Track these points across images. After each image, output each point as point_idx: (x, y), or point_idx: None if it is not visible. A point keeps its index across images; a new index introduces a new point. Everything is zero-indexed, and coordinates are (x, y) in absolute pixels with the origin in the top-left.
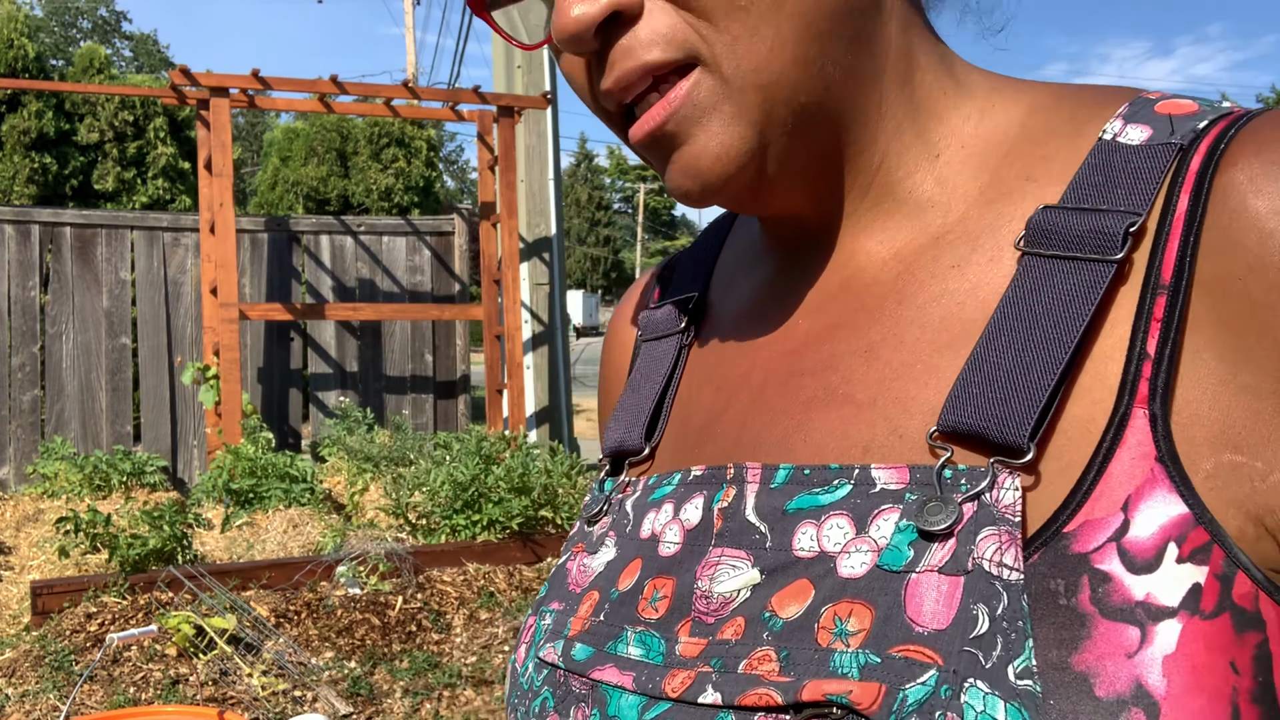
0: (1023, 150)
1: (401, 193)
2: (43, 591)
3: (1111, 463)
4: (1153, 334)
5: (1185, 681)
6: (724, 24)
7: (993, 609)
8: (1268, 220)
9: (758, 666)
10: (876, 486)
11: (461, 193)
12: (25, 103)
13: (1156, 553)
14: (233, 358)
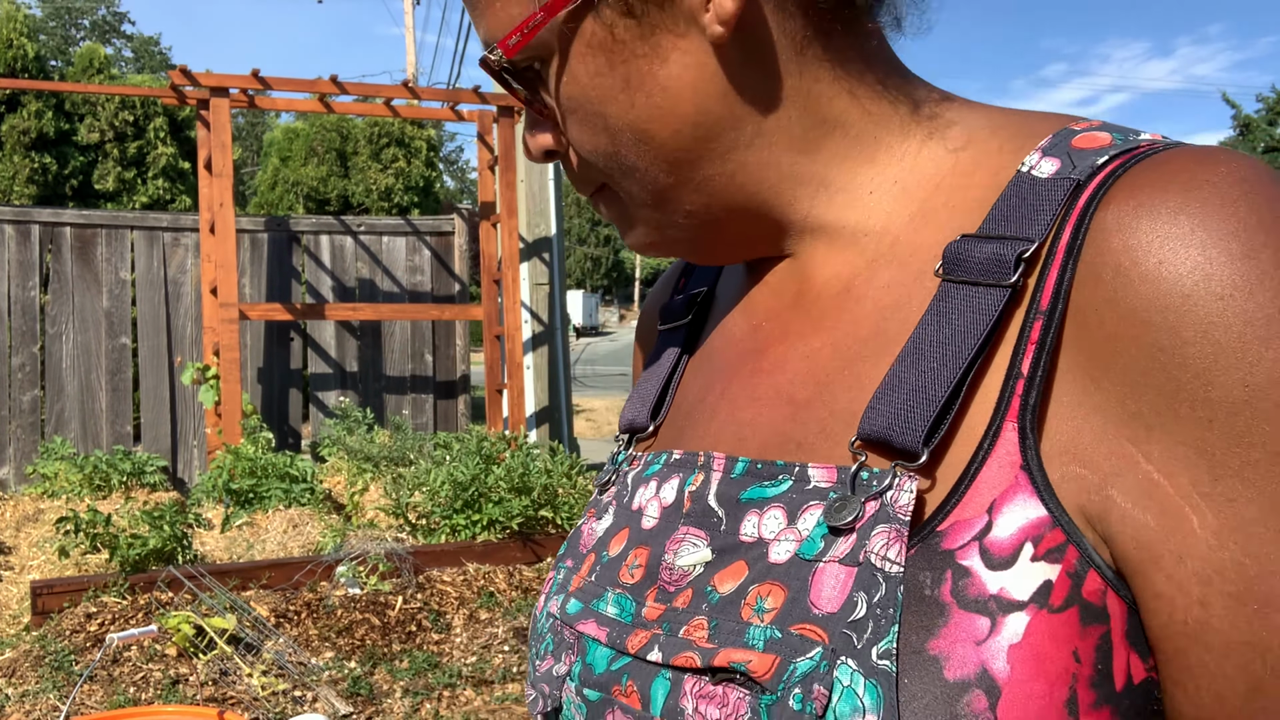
0: (951, 182)
1: (401, 193)
2: (43, 591)
3: (983, 470)
4: (1028, 354)
5: (1027, 668)
6: (609, 170)
7: (871, 597)
8: (1123, 258)
9: (693, 633)
10: (810, 484)
11: (461, 193)
12: (25, 103)
13: (1013, 551)
14: (233, 358)
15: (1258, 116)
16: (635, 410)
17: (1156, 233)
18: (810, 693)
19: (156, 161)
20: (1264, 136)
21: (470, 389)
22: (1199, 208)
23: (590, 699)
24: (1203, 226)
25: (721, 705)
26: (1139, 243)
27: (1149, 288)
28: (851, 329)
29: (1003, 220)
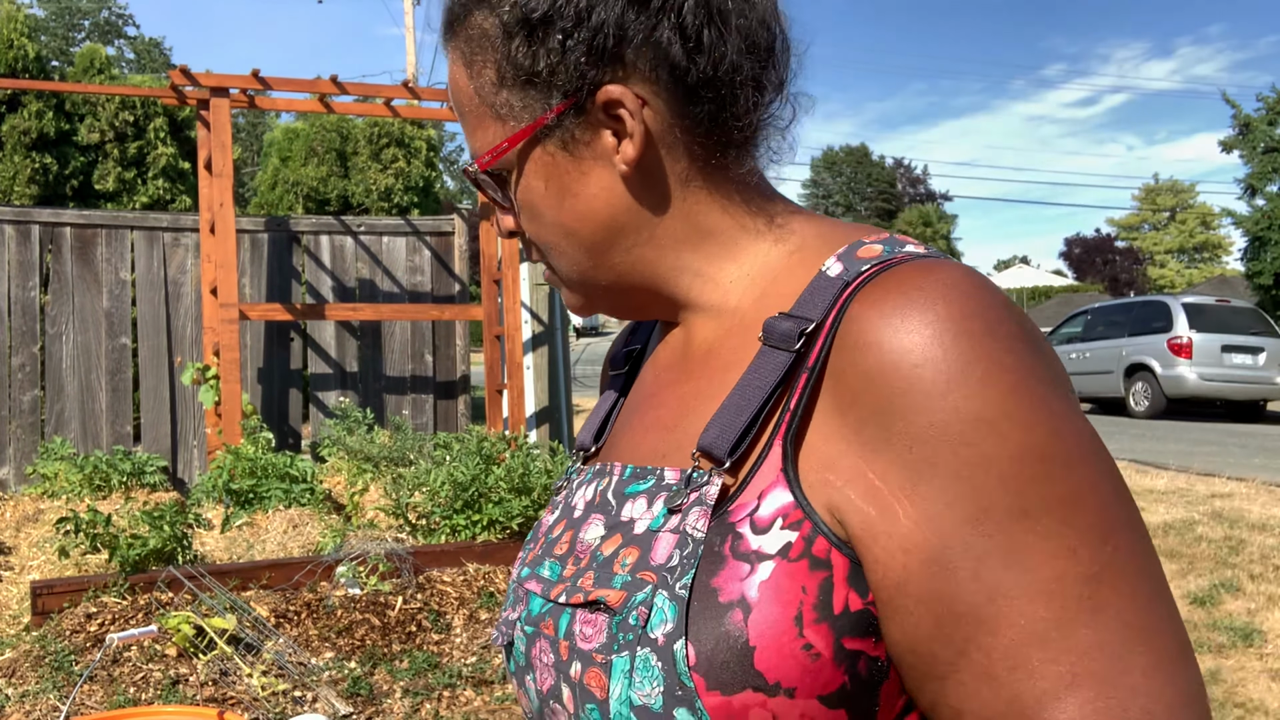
0: (784, 275)
1: (401, 193)
2: (43, 592)
3: (759, 471)
4: (796, 396)
5: (769, 594)
6: (547, 251)
7: (684, 552)
8: (858, 337)
9: (585, 583)
10: (665, 481)
11: (461, 193)
12: (25, 103)
13: (770, 523)
14: (233, 358)
15: (1257, 116)
16: (584, 437)
17: (878, 321)
18: (639, 612)
19: (157, 162)
20: (1264, 136)
21: (470, 389)
22: (907, 306)
23: (528, 633)
24: (908, 318)
25: (593, 626)
26: (868, 327)
27: (873, 358)
28: (708, 378)
29: (802, 305)
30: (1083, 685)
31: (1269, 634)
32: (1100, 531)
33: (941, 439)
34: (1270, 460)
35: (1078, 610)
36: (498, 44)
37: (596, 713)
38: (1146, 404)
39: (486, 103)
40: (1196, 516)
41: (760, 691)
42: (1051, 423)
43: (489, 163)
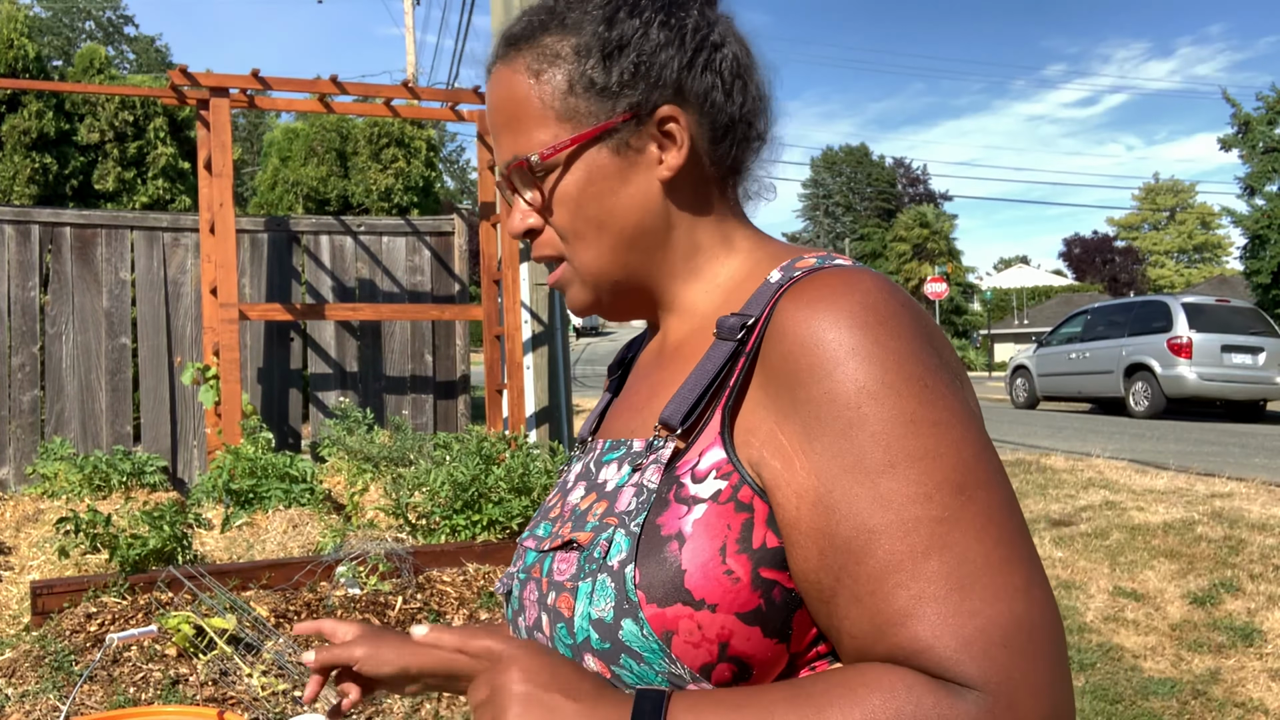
0: (741, 284)
1: (401, 193)
2: (42, 592)
3: (701, 434)
4: (735, 374)
5: (700, 529)
6: (572, 245)
7: (639, 499)
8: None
9: (563, 531)
10: (632, 449)
11: (461, 193)
12: (25, 103)
13: (706, 475)
14: (233, 358)
15: (1257, 116)
16: (584, 429)
17: (797, 314)
18: (601, 547)
19: (156, 161)
20: (1263, 136)
21: (470, 389)
22: (819, 300)
23: (521, 579)
24: (817, 309)
25: (566, 562)
26: (788, 317)
27: (789, 341)
28: (675, 368)
29: (748, 305)
30: (929, 606)
31: (1269, 634)
32: (955, 483)
33: (831, 403)
34: (1270, 460)
35: (928, 545)
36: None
37: (564, 629)
38: (1146, 404)
39: (550, 106)
40: (1196, 516)
41: (688, 605)
42: (923, 394)
43: (550, 155)
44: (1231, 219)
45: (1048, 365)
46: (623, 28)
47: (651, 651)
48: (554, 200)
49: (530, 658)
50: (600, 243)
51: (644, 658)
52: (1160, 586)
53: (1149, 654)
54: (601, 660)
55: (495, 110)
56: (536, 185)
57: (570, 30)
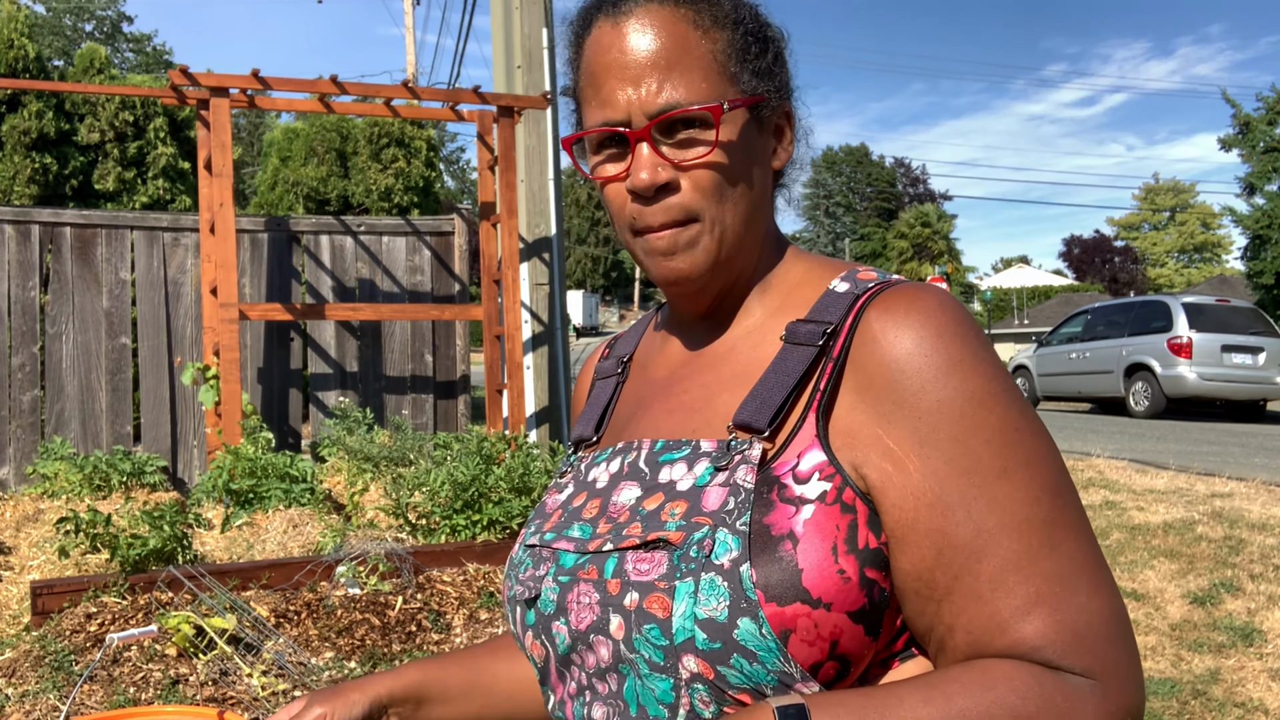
0: (795, 291)
1: (401, 193)
2: (43, 591)
3: (796, 436)
4: (824, 379)
5: (811, 530)
6: (720, 202)
7: (737, 500)
8: (875, 334)
9: (631, 531)
10: (701, 450)
11: (462, 193)
12: (25, 103)
13: (809, 476)
14: (233, 358)
15: (1257, 116)
16: (583, 429)
17: (892, 325)
18: (702, 546)
19: (157, 161)
20: (1263, 136)
21: (470, 389)
22: (911, 313)
23: (562, 581)
24: (912, 325)
25: (649, 561)
26: (882, 329)
27: (888, 351)
28: (728, 370)
29: (818, 312)
30: (1044, 602)
31: (1269, 634)
32: (1053, 487)
33: (943, 411)
34: (1270, 460)
35: (1040, 545)
36: (730, 28)
37: (656, 630)
38: (1146, 404)
39: (720, 63)
40: (1196, 516)
41: (806, 604)
42: (1021, 405)
43: (736, 105)
44: (1232, 219)
45: (1048, 365)
46: (764, 22)
47: (767, 650)
48: (704, 159)
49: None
50: (742, 204)
51: (758, 656)
52: (1160, 586)
53: (1149, 654)
54: (706, 660)
55: (646, 50)
56: (701, 134)
57: (728, 8)
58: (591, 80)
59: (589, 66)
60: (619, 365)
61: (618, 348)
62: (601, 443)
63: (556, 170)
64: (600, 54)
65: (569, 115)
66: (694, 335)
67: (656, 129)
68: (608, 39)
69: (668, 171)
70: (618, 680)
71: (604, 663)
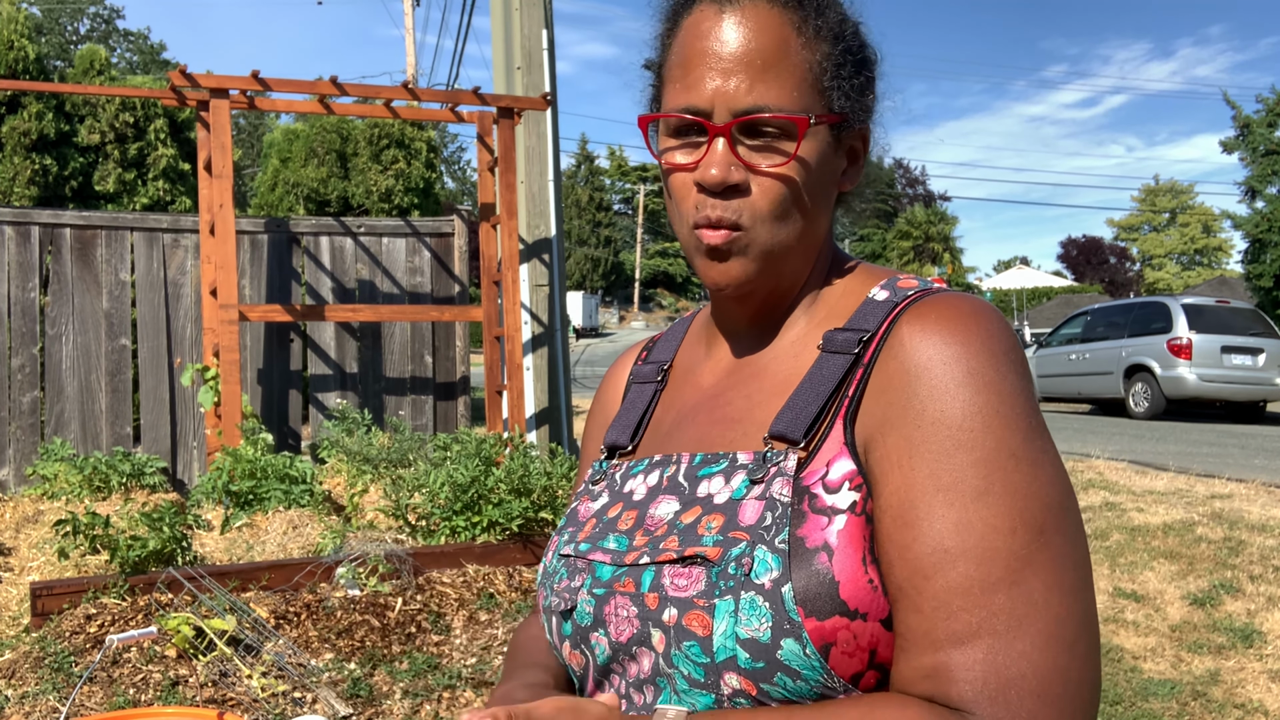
0: (839, 302)
1: (402, 194)
2: (42, 593)
3: (824, 444)
4: (853, 385)
5: (844, 540)
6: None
7: (775, 515)
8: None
9: (668, 545)
10: (738, 462)
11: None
12: (25, 104)
13: (839, 485)
14: (232, 359)
15: (1257, 118)
16: (617, 435)
17: (920, 332)
18: (740, 563)
19: (157, 163)
20: (1263, 139)
21: (470, 390)
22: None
23: (598, 594)
24: (941, 332)
25: (687, 577)
26: (909, 335)
27: (911, 357)
28: (770, 380)
29: (856, 320)
30: (983, 637)
31: (1269, 635)
32: (1039, 524)
33: (942, 423)
34: (1270, 461)
35: (1000, 578)
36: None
37: (697, 648)
38: (1146, 405)
39: (815, 75)
40: (1196, 517)
41: (844, 616)
42: (1028, 431)
43: (823, 122)
44: (1232, 222)
45: (1048, 366)
46: (864, 42)
47: (811, 669)
48: (775, 167)
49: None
50: (796, 225)
51: (801, 674)
52: (1160, 588)
53: (1149, 655)
54: (749, 679)
55: (744, 46)
56: (780, 144)
57: (830, 19)
58: (682, 61)
59: (683, 47)
60: (659, 372)
61: (656, 352)
62: (638, 451)
63: (556, 171)
64: (698, 37)
65: (644, 90)
66: (740, 345)
67: (738, 128)
68: (709, 24)
69: (740, 173)
70: (654, 692)
71: (644, 674)
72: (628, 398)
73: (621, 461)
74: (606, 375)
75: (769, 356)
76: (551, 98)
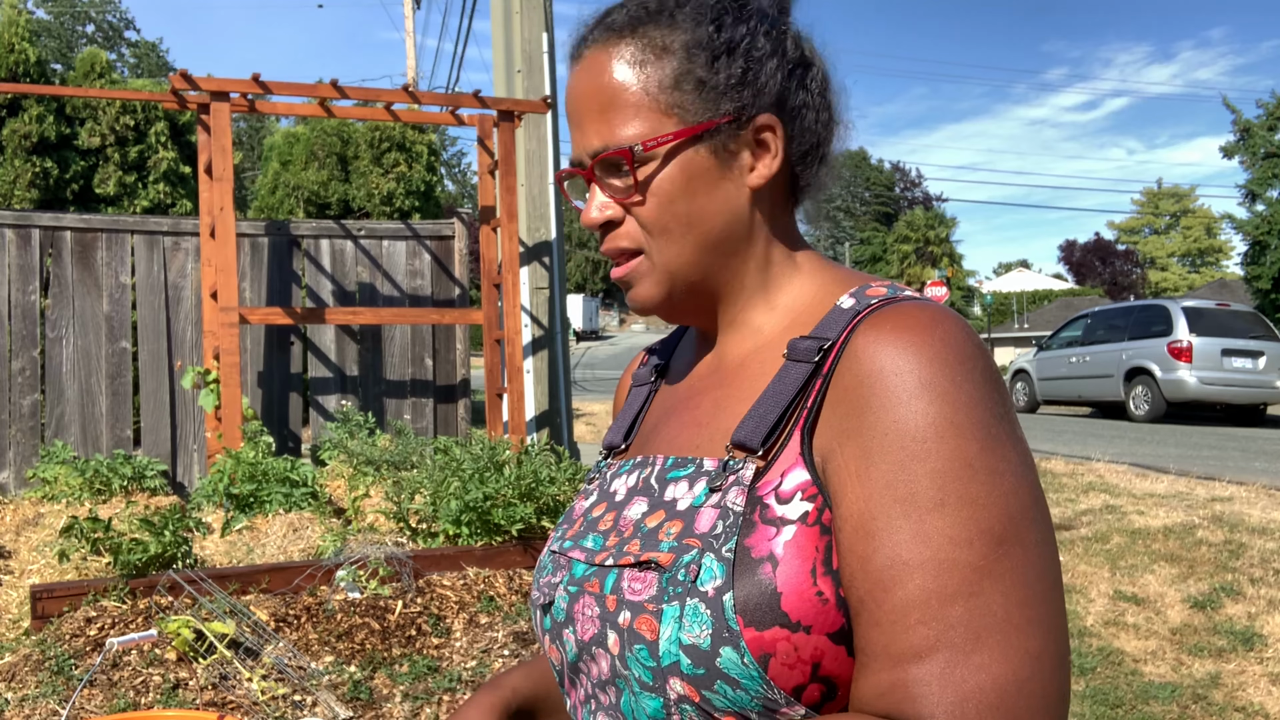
0: (806, 307)
1: (403, 197)
2: (42, 596)
3: (781, 454)
4: (812, 395)
5: (792, 551)
6: (656, 240)
7: (726, 523)
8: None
9: (632, 549)
10: (704, 468)
11: (462, 196)
12: (26, 107)
13: (791, 496)
14: (233, 362)
15: (1258, 122)
16: (614, 435)
17: (878, 342)
18: (689, 570)
19: (158, 166)
20: (1264, 142)
21: (470, 393)
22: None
23: (571, 591)
24: (896, 341)
25: (642, 581)
26: (865, 344)
27: (864, 366)
28: (738, 385)
29: (821, 328)
30: (941, 650)
31: (1269, 638)
32: (998, 535)
33: (896, 434)
34: (1271, 464)
35: (957, 590)
36: (679, 55)
37: (645, 651)
38: (1146, 408)
39: (653, 98)
40: (1197, 520)
41: (785, 628)
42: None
43: (654, 145)
44: (1232, 225)
45: (1048, 369)
46: (732, 32)
47: (750, 679)
48: (647, 192)
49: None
50: (685, 241)
51: (740, 684)
52: (1160, 590)
53: (1149, 658)
54: (692, 685)
55: (586, 95)
56: (626, 176)
57: (679, 27)
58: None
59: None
60: (653, 373)
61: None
62: (630, 452)
63: (556, 174)
64: (566, 99)
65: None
66: (712, 349)
67: (599, 169)
68: (569, 82)
69: (609, 210)
70: (615, 693)
71: (604, 675)
72: (628, 399)
73: (615, 461)
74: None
75: (739, 360)
76: (552, 100)
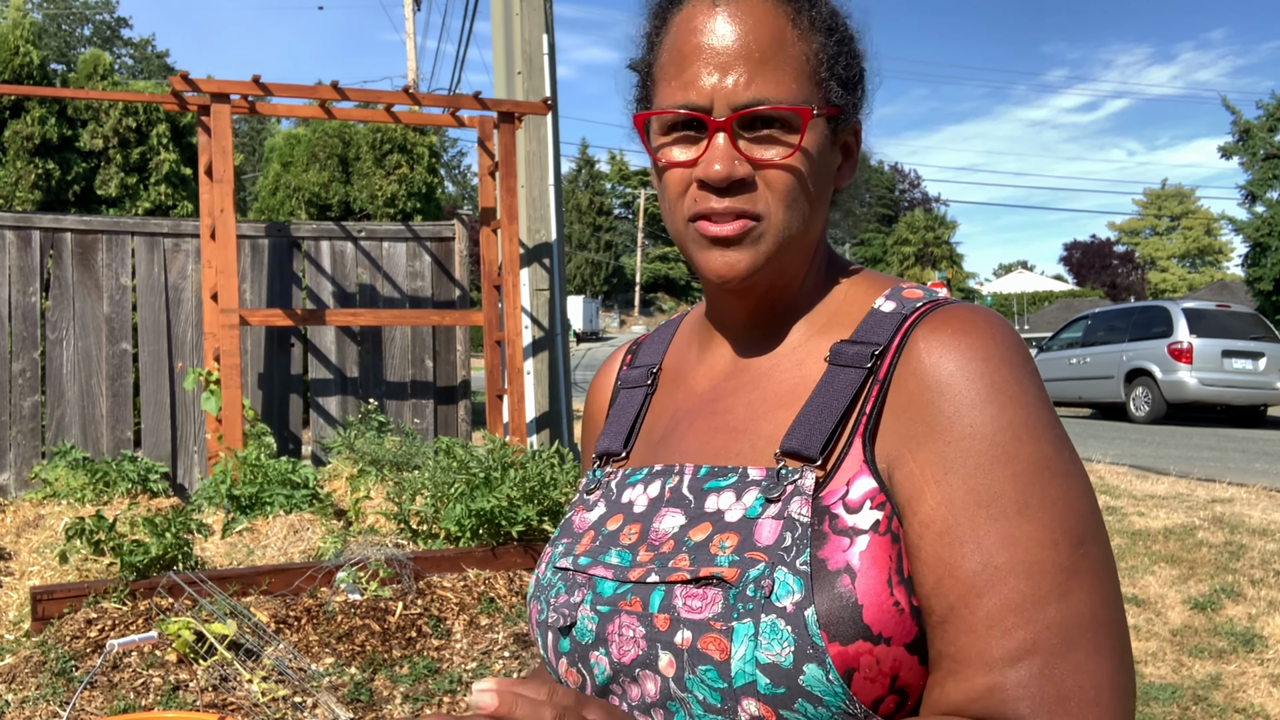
0: (840, 309)
1: (404, 199)
2: (43, 597)
3: (844, 463)
4: (870, 402)
5: (867, 562)
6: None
7: (794, 535)
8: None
9: (678, 564)
10: (750, 478)
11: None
12: (28, 109)
13: (860, 505)
14: (233, 363)
15: (1258, 123)
16: (609, 442)
17: (938, 346)
18: (760, 585)
19: (159, 167)
20: (1264, 143)
21: (471, 394)
22: (959, 336)
23: (601, 611)
24: (958, 348)
25: (702, 599)
26: (927, 349)
27: (930, 372)
28: (772, 390)
29: (864, 332)
30: (1038, 653)
31: (1270, 639)
32: (1078, 534)
33: (975, 439)
34: (1271, 465)
35: (1049, 591)
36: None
37: (713, 672)
38: (1147, 409)
39: (812, 65)
40: (1197, 521)
41: (868, 641)
42: (1056, 441)
43: (824, 113)
44: (1232, 226)
45: (1049, 370)
46: (859, 43)
47: (833, 695)
48: (781, 159)
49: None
50: (802, 216)
51: (823, 700)
52: (1161, 592)
53: (1150, 659)
54: (769, 705)
55: (741, 38)
56: (786, 136)
57: (826, 14)
58: (676, 58)
59: (675, 43)
60: (647, 375)
61: (642, 355)
62: (631, 459)
63: (557, 175)
64: (691, 34)
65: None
66: (738, 347)
67: (738, 122)
68: (702, 19)
69: (744, 167)
70: (664, 716)
71: (650, 698)
72: (616, 403)
73: (617, 469)
74: (592, 385)
75: (770, 362)
76: (552, 102)
